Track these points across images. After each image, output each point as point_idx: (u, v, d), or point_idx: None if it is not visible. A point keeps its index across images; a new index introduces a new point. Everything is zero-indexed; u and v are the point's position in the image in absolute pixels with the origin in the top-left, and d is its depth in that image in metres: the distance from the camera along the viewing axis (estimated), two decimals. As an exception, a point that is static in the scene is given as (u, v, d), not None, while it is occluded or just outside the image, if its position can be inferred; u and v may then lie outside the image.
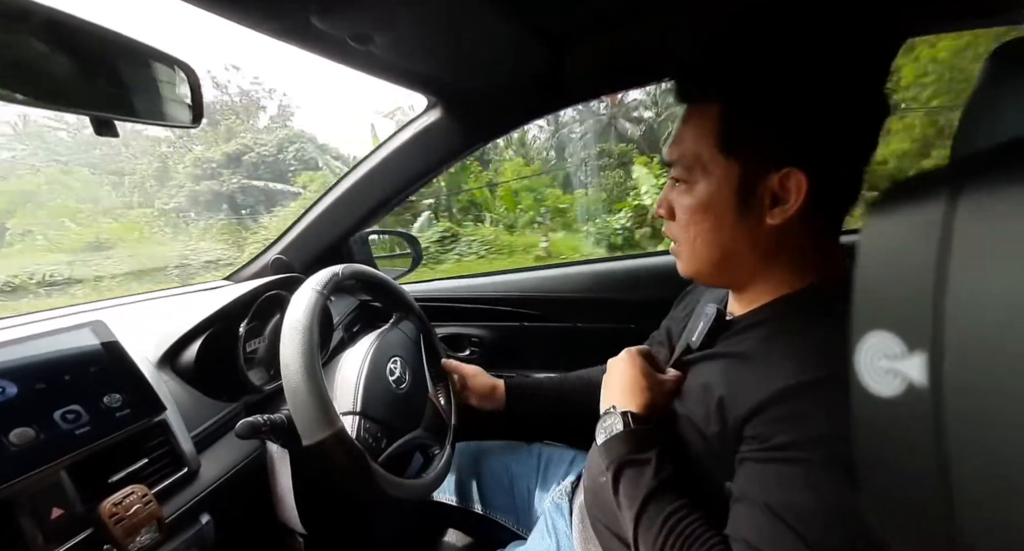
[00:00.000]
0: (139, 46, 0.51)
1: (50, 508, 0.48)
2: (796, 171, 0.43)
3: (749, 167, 0.45)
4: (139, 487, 0.53)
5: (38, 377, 0.53)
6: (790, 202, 0.44)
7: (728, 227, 0.47)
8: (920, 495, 0.16)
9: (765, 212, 0.45)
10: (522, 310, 1.15)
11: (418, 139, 0.95)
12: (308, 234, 1.08)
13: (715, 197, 0.47)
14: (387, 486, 0.61)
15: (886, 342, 0.16)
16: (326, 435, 0.56)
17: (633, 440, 0.51)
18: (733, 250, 0.49)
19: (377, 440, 0.67)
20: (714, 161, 0.46)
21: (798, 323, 0.46)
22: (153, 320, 0.77)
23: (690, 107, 0.49)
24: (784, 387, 0.40)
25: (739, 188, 0.46)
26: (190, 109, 0.58)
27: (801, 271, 0.48)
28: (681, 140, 0.49)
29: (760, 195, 0.45)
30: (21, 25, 0.40)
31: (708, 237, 0.49)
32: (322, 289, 0.66)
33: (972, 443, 0.14)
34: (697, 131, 0.47)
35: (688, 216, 0.49)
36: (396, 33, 0.62)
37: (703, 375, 0.51)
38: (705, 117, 0.47)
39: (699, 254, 0.50)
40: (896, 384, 0.15)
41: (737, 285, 0.53)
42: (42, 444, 0.49)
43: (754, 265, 0.49)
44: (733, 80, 0.45)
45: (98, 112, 0.47)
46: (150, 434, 0.60)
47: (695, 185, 0.48)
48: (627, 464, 0.50)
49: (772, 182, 0.44)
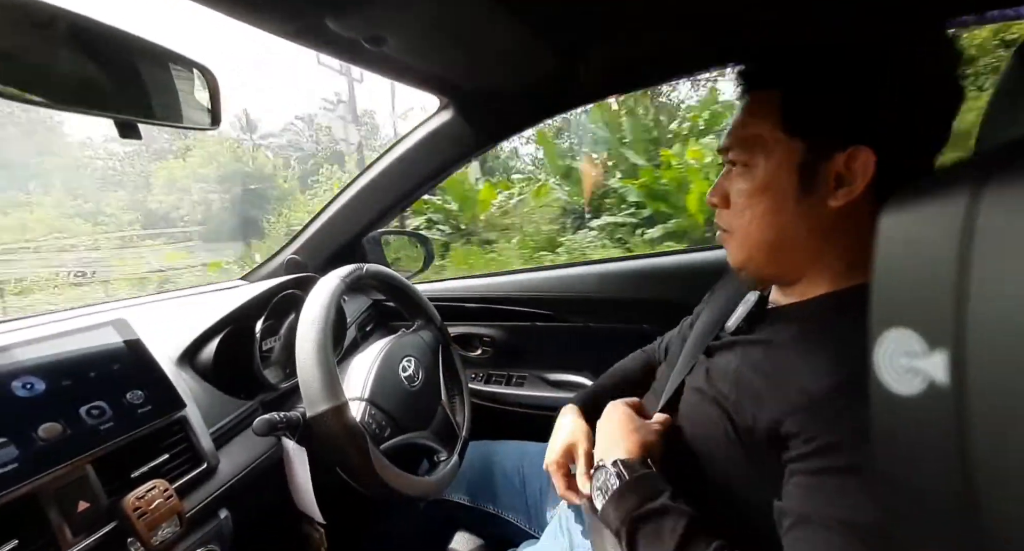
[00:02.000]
0: (160, 50, 0.53)
1: (77, 501, 0.49)
2: (864, 150, 0.41)
3: (813, 146, 0.44)
4: (161, 482, 0.54)
5: (65, 374, 0.54)
6: (856, 183, 0.42)
7: (788, 209, 0.46)
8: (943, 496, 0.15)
9: (829, 194, 0.44)
10: (533, 310, 1.15)
11: (430, 139, 0.95)
12: (322, 234, 1.10)
13: (776, 178, 0.45)
14: (385, 474, 0.61)
15: (906, 340, 0.15)
16: (329, 406, 0.58)
17: (637, 490, 0.46)
18: (790, 235, 0.47)
19: (381, 428, 0.68)
20: (776, 141, 0.45)
21: (848, 319, 0.43)
22: (173, 319, 0.78)
23: (752, 95, 0.48)
24: (833, 385, 0.38)
25: (802, 168, 0.44)
26: (209, 112, 0.59)
27: (859, 264, 0.46)
28: (741, 124, 0.48)
29: (824, 175, 0.43)
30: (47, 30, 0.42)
31: (765, 220, 0.47)
32: (346, 277, 0.70)
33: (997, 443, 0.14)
34: (759, 114, 0.46)
35: (745, 200, 0.48)
36: (409, 35, 0.62)
37: (737, 359, 0.49)
38: (767, 102, 0.46)
39: (753, 239, 0.48)
40: (917, 383, 0.15)
41: (786, 277, 0.51)
42: (69, 439, 0.51)
43: (808, 255, 0.47)
44: (796, 64, 0.45)
45: (122, 115, 0.48)
46: (170, 430, 0.61)
47: (754, 168, 0.47)
48: (640, 520, 0.44)
49: (838, 162, 0.43)
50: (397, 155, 0.98)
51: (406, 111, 12.26)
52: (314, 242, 1.10)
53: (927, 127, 0.44)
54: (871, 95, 0.42)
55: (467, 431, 0.81)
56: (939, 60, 0.43)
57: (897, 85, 0.42)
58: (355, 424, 0.60)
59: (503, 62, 0.74)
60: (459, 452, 0.77)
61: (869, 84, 0.42)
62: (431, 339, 0.87)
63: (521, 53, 0.71)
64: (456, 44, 0.68)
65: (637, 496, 0.46)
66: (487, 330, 1.20)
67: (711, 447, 0.48)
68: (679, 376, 0.58)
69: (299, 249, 1.10)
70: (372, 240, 1.16)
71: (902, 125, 0.42)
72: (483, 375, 1.21)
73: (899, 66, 0.42)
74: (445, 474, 0.73)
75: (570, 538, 0.68)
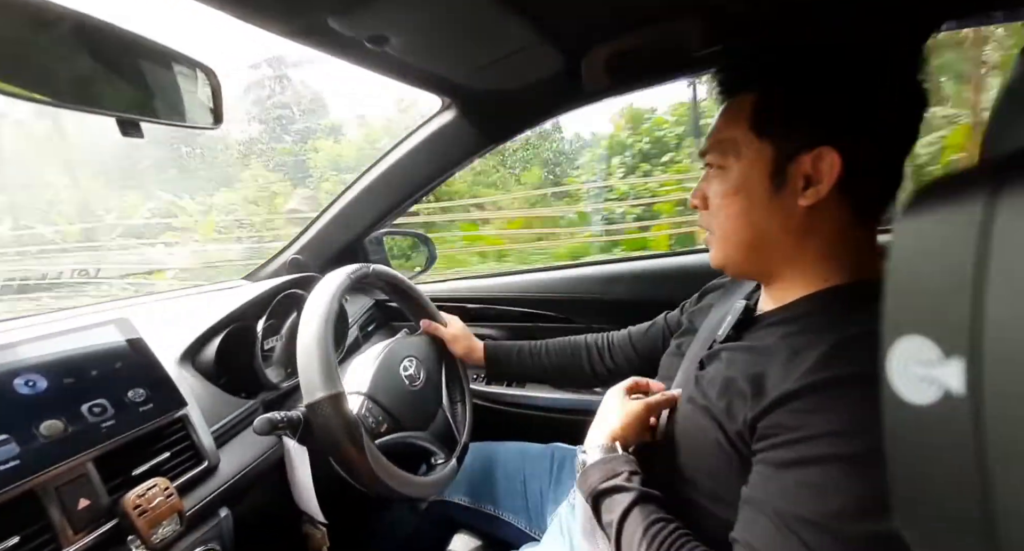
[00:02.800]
0: (162, 49, 0.53)
1: (77, 499, 0.49)
2: (829, 150, 0.43)
3: (781, 146, 0.46)
4: (161, 480, 0.54)
5: (67, 372, 0.54)
6: (823, 182, 0.44)
7: (760, 208, 0.48)
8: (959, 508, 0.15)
9: (798, 193, 0.45)
10: (537, 311, 1.15)
11: (432, 140, 0.95)
12: (324, 234, 1.10)
13: (748, 178, 0.48)
14: (379, 468, 0.60)
15: (920, 347, 0.15)
16: (326, 394, 0.58)
17: (600, 469, 0.52)
18: (765, 232, 0.48)
19: (378, 423, 0.68)
20: (747, 143, 0.47)
21: (828, 320, 0.45)
22: (174, 318, 0.79)
23: (729, 100, 0.50)
24: (806, 383, 0.40)
25: (772, 168, 0.46)
26: (211, 111, 0.59)
27: (834, 265, 0.48)
28: (717, 129, 0.51)
29: (793, 175, 0.45)
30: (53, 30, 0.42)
31: (740, 220, 0.49)
32: (352, 273, 0.71)
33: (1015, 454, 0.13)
34: (732, 118, 0.49)
35: (721, 200, 0.50)
36: (411, 35, 0.62)
37: (726, 367, 0.50)
38: (741, 105, 0.48)
39: (730, 238, 0.51)
40: (931, 392, 0.15)
41: (766, 275, 0.52)
42: (71, 436, 0.51)
43: (785, 252, 0.49)
44: (771, 68, 0.47)
45: (123, 113, 0.48)
46: (171, 429, 0.61)
47: (729, 169, 0.49)
48: (601, 494, 0.50)
49: (804, 162, 0.44)
50: (399, 156, 0.98)
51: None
52: (316, 242, 1.10)
53: (892, 129, 0.45)
54: (837, 97, 0.44)
55: (467, 436, 0.80)
56: (905, 63, 0.44)
57: (862, 88, 0.43)
58: (351, 414, 0.59)
59: (506, 63, 0.74)
60: (457, 457, 0.76)
61: (835, 86, 0.44)
62: (435, 343, 0.87)
63: (524, 53, 0.71)
64: (459, 45, 0.68)
65: (601, 472, 0.52)
66: (489, 331, 1.20)
67: (708, 461, 0.49)
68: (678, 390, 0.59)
69: (301, 249, 1.10)
70: (374, 240, 1.16)
71: (867, 127, 0.44)
72: (483, 376, 1.21)
73: (864, 68, 0.43)
74: (441, 477, 0.72)
75: (570, 540, 0.68)
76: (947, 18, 0.66)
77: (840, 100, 0.44)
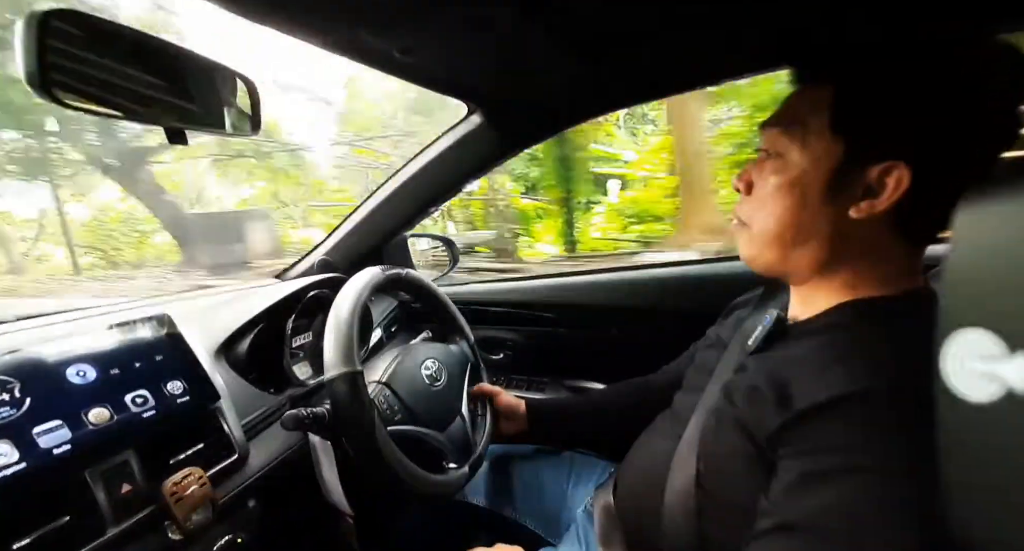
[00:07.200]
0: (206, 61, 0.56)
1: (120, 484, 0.53)
2: (902, 166, 0.40)
3: (854, 149, 0.43)
4: (196, 469, 0.57)
5: (113, 363, 0.58)
6: (883, 197, 0.42)
7: (810, 208, 0.45)
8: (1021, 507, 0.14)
9: (853, 203, 0.43)
10: (558, 316, 1.15)
11: (457, 145, 0.97)
12: (351, 237, 1.13)
13: (807, 174, 0.45)
14: (387, 454, 0.60)
15: (981, 342, 0.14)
16: (344, 370, 0.60)
17: None
18: (806, 235, 0.46)
19: (392, 412, 0.69)
20: (819, 136, 0.44)
21: (859, 332, 0.43)
22: (211, 315, 0.82)
23: (804, 87, 0.48)
24: (835, 394, 0.39)
25: (836, 169, 0.44)
26: (250, 119, 0.62)
27: (867, 276, 0.46)
28: (788, 112, 0.47)
29: (854, 182, 0.43)
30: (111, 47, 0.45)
31: (786, 216, 0.46)
32: (386, 269, 0.74)
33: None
34: (809, 105, 0.46)
35: (771, 191, 0.47)
36: (440, 46, 0.64)
37: (756, 377, 0.49)
38: (818, 95, 0.45)
39: (769, 233, 0.48)
40: (992, 389, 0.14)
41: (795, 276, 0.51)
42: (116, 424, 0.54)
43: (820, 258, 0.47)
44: (854, 62, 0.44)
45: (172, 124, 0.52)
46: (206, 420, 0.64)
47: (788, 160, 0.46)
48: None
49: (871, 172, 0.42)
50: (425, 161, 1.01)
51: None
52: (344, 244, 1.13)
53: (972, 159, 0.41)
54: (933, 113, 0.40)
55: (484, 448, 0.78)
56: (999, 95, 0.40)
57: (962, 109, 0.40)
58: (367, 395, 0.61)
59: (531, 71, 0.75)
60: (471, 465, 0.74)
61: (935, 100, 0.40)
62: (460, 353, 0.87)
63: (548, 62, 0.72)
64: (484, 54, 0.69)
65: None
66: (510, 334, 1.20)
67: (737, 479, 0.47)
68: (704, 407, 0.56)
69: (330, 251, 1.14)
70: (399, 243, 1.19)
71: (950, 152, 0.41)
72: (503, 379, 1.22)
73: (970, 89, 0.40)
74: (451, 479, 0.70)
75: (587, 547, 0.68)
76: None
77: (935, 118, 0.40)
